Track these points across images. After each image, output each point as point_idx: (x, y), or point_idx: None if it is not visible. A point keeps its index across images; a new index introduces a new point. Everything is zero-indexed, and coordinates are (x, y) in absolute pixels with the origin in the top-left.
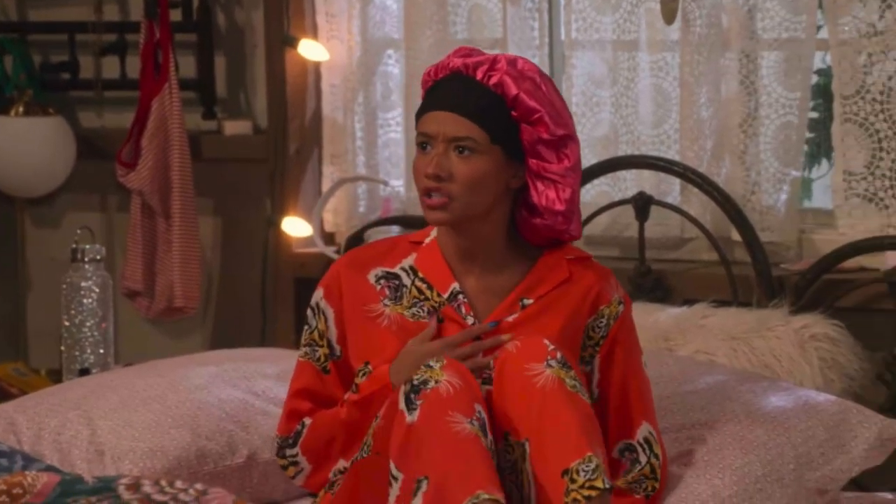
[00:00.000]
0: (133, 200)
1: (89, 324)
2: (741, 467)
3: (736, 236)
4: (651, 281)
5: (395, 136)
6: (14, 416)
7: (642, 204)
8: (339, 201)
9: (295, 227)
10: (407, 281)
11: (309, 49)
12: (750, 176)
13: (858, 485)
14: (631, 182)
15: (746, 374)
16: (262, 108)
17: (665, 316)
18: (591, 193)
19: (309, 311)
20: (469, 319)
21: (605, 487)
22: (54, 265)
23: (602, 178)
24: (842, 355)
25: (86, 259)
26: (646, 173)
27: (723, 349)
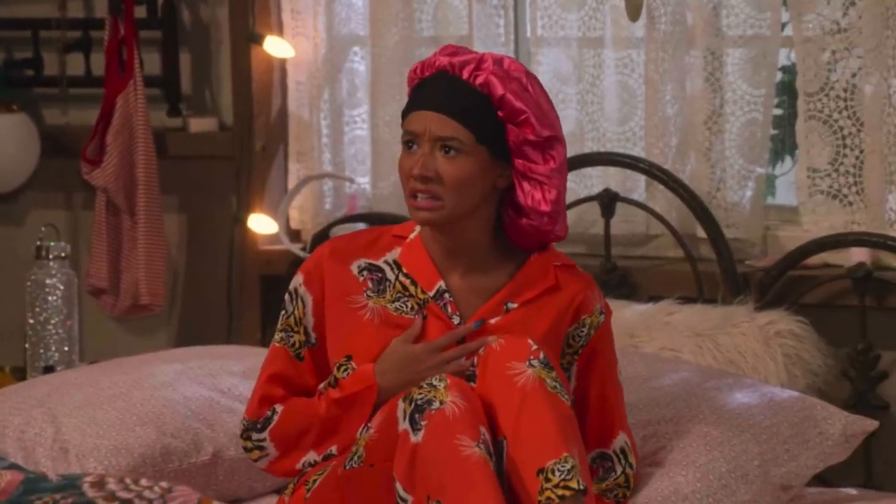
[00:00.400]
0: (98, 198)
1: (54, 321)
2: (705, 464)
3: (701, 233)
4: (617, 278)
5: (361, 133)
6: None
7: (608, 201)
8: (305, 198)
9: (261, 224)
10: (391, 275)
11: (274, 46)
12: (715, 173)
13: (822, 480)
14: (597, 179)
15: (711, 371)
16: (227, 105)
17: (631, 312)
18: None
19: (287, 296)
20: (455, 319)
21: (579, 488)
22: (18, 263)
23: (568, 175)
24: (806, 351)
25: (50, 256)
26: (611, 170)
27: (688, 346)
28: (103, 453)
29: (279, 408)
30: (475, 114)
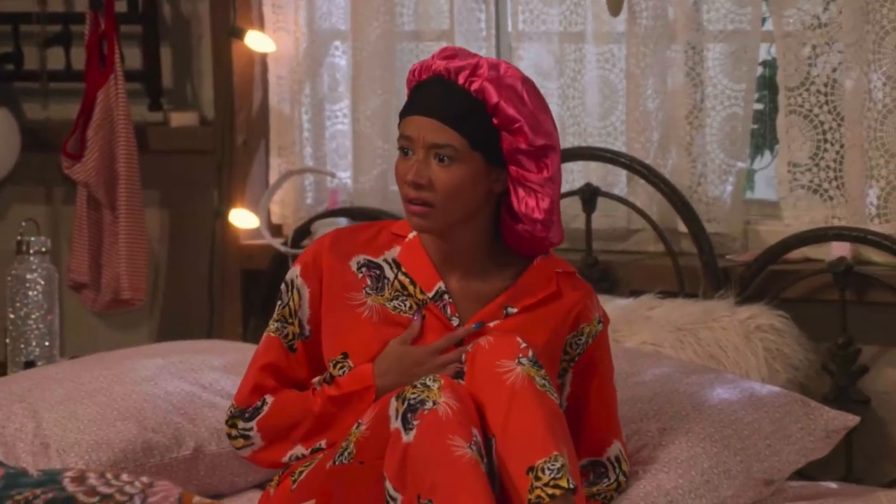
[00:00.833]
0: (79, 192)
1: (34, 316)
2: (687, 460)
3: (682, 227)
4: (598, 272)
5: (343, 127)
6: None
7: (589, 195)
8: (287, 193)
9: (242, 219)
10: (390, 273)
11: (255, 40)
12: (696, 167)
13: (803, 474)
14: (578, 173)
15: (693, 366)
16: (208, 99)
17: (612, 307)
18: None
19: (283, 286)
20: (454, 321)
21: (569, 487)
22: None
23: None
24: (787, 346)
25: (31, 251)
26: (592, 165)
27: (669, 340)
28: (84, 448)
29: (269, 399)
30: (469, 120)
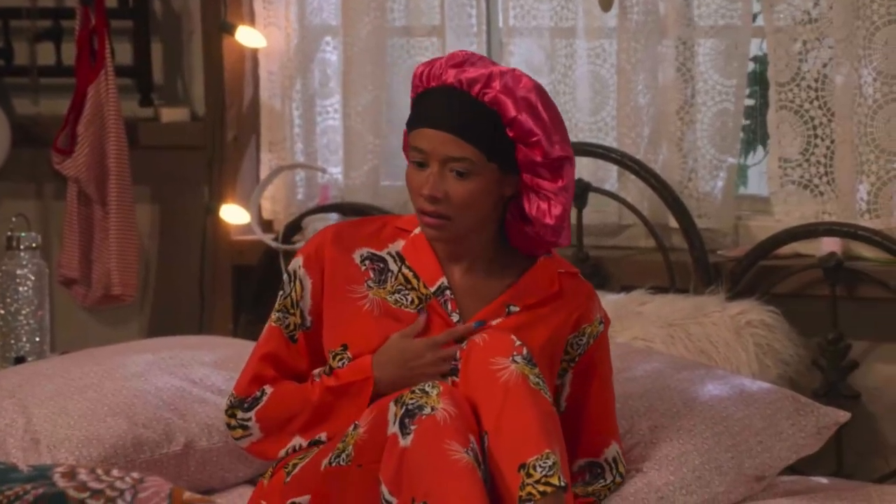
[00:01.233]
0: (69, 188)
1: (25, 312)
2: (678, 457)
3: (673, 223)
4: (589, 268)
5: (334, 123)
6: None
7: (580, 191)
8: (278, 189)
9: (233, 214)
10: (393, 267)
11: (246, 36)
12: (687, 163)
13: (794, 469)
14: None
15: (683, 361)
16: (199, 95)
17: (603, 302)
18: None
19: (286, 277)
20: (454, 317)
21: (560, 485)
22: None
23: None
24: (777, 341)
25: (21, 247)
26: (583, 160)
27: (660, 336)
28: (74, 444)
29: (269, 389)
30: (485, 133)
